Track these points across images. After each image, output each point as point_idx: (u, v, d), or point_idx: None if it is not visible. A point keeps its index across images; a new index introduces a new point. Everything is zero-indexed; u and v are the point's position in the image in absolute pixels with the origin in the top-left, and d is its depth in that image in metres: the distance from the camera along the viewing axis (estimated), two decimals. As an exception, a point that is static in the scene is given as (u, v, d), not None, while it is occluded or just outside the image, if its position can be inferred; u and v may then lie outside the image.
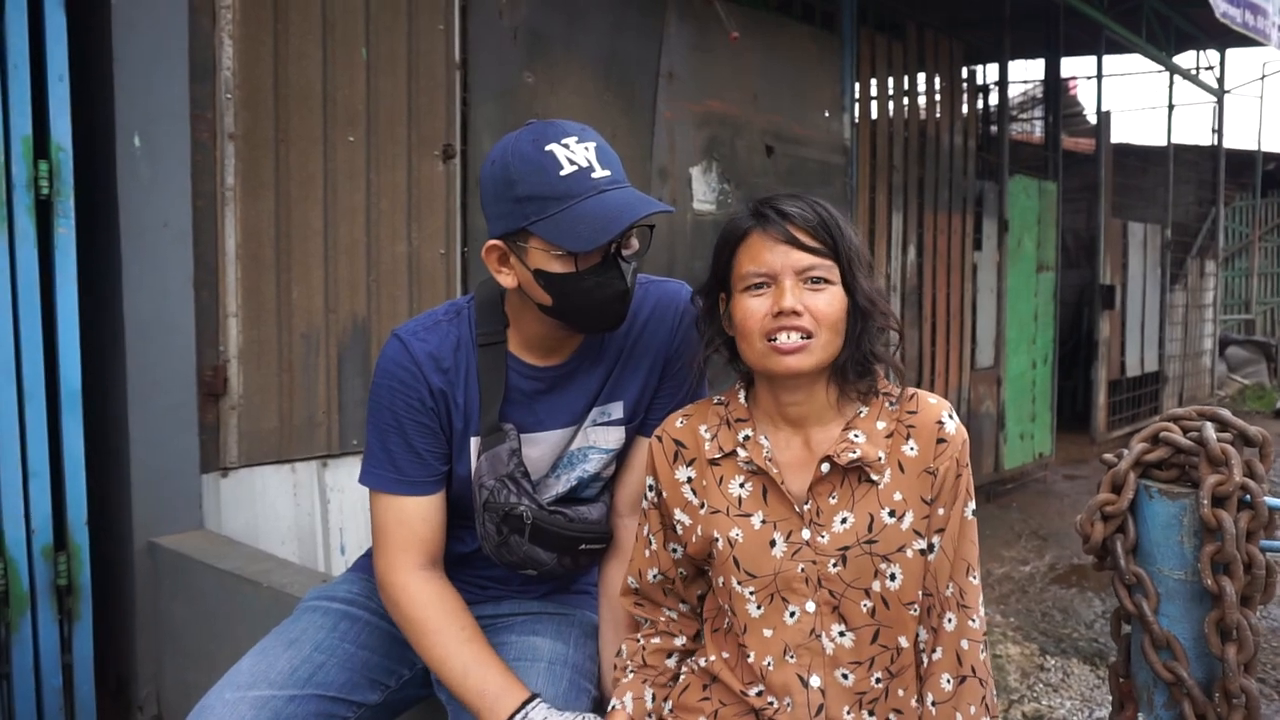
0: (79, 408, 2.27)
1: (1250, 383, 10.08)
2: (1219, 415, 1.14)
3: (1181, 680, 1.10)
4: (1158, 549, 1.14)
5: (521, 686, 1.27)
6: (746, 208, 1.21)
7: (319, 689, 1.34)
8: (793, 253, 1.15)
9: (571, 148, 1.22)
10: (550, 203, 1.21)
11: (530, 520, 1.36)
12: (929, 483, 1.17)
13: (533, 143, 1.23)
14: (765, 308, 1.15)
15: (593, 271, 1.24)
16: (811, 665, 1.17)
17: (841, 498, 1.18)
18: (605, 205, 1.21)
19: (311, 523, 2.84)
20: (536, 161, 1.22)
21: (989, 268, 5.99)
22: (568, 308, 1.28)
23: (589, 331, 1.35)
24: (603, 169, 1.23)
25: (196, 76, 2.50)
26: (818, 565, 1.16)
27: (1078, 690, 3.50)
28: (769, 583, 1.18)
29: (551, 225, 1.21)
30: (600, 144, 1.26)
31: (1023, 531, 5.51)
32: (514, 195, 1.23)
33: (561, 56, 3.45)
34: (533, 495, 1.38)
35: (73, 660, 2.32)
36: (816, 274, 1.15)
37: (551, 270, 1.25)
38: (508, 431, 1.36)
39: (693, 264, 3.87)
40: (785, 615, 1.18)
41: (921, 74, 5.41)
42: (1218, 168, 9.00)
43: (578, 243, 1.20)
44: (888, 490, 1.17)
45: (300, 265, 2.75)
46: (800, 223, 1.16)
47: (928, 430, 1.19)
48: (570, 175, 1.21)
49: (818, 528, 1.17)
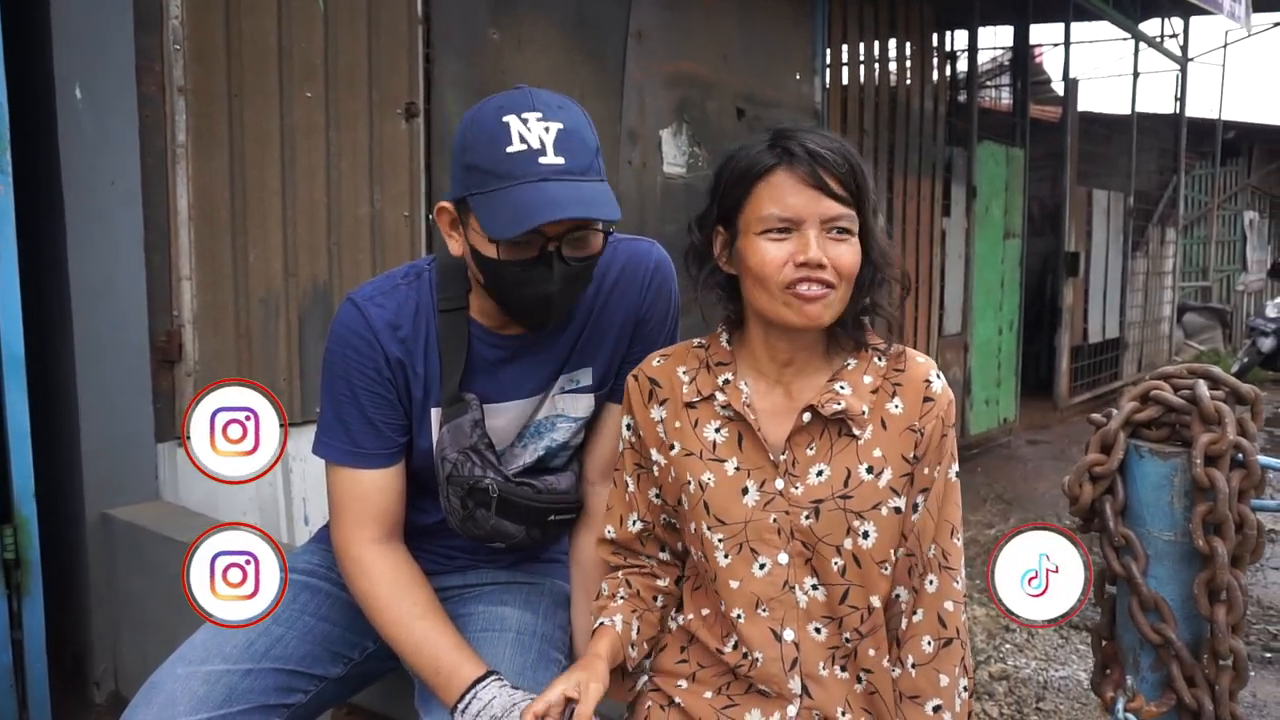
0: (22, 374, 2.17)
1: (1206, 349, 10.29)
2: (1211, 373, 1.11)
3: (1170, 642, 1.08)
4: (1147, 510, 1.12)
5: (475, 664, 1.22)
6: (764, 139, 1.11)
7: (277, 662, 1.29)
8: (822, 200, 1.07)
9: (530, 124, 1.13)
10: (490, 177, 1.13)
11: (496, 493, 1.31)
12: (912, 441, 1.14)
13: (497, 109, 1.15)
14: (786, 254, 1.07)
15: (520, 265, 1.17)
16: (785, 619, 1.14)
17: (819, 450, 1.14)
18: (540, 195, 1.11)
19: (274, 492, 2.77)
20: (490, 131, 1.14)
21: (957, 234, 6.00)
22: (495, 291, 1.22)
23: (517, 323, 1.28)
24: (556, 155, 1.12)
25: (143, 26, 2.37)
26: (790, 516, 1.13)
27: (1041, 650, 3.55)
28: (739, 531, 1.14)
29: (484, 203, 1.14)
30: (569, 127, 1.15)
31: (988, 496, 5.58)
32: (464, 161, 1.16)
33: (529, 13, 3.34)
34: (498, 467, 1.32)
35: (23, 636, 2.24)
36: (842, 224, 1.08)
37: (482, 251, 1.18)
38: (470, 402, 1.30)
39: (663, 227, 3.81)
40: (754, 567, 1.14)
41: (893, 39, 5.36)
42: (1179, 136, 9.08)
43: (498, 229, 1.13)
44: (867, 446, 1.14)
45: (257, 227, 2.65)
46: (832, 167, 1.07)
47: (914, 388, 1.15)
48: (516, 154, 1.12)
49: (792, 478, 1.13)
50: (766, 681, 1.15)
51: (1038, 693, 3.07)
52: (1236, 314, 11.58)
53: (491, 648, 1.29)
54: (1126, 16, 7.57)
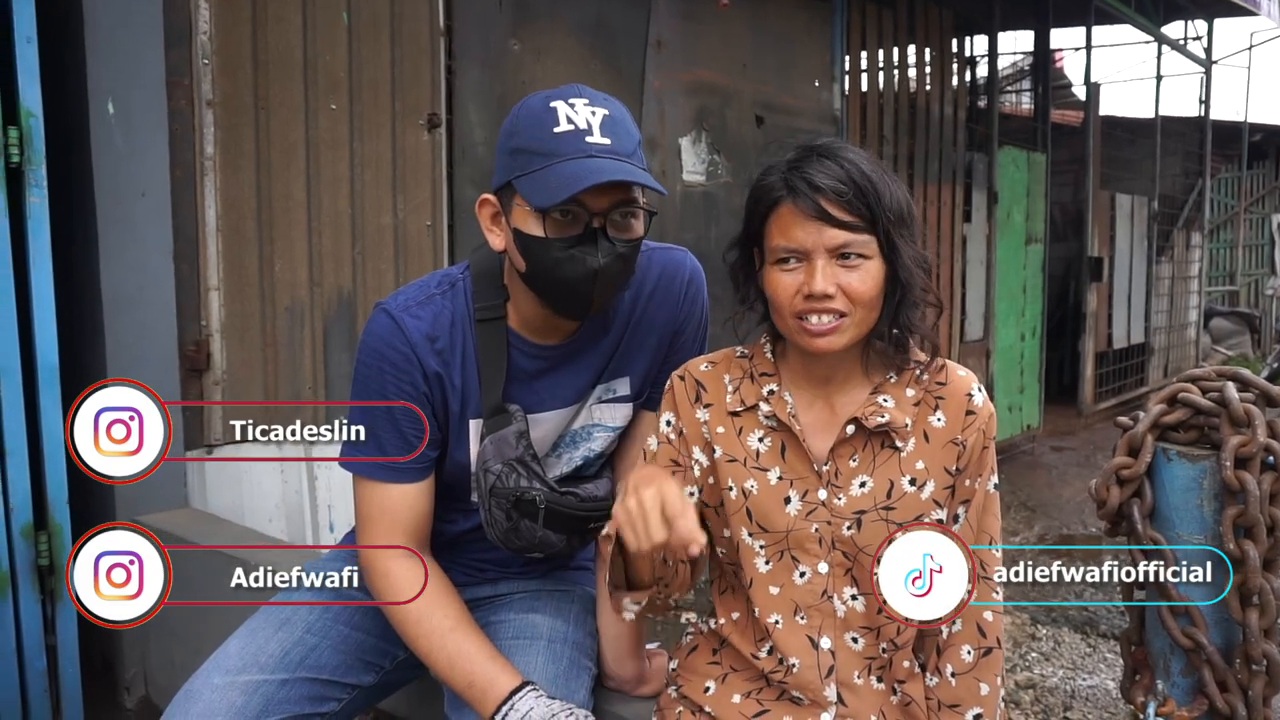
0: (57, 384, 2.21)
1: (1234, 354, 10.15)
2: (1240, 375, 1.11)
3: (1201, 646, 1.07)
4: (1176, 513, 1.11)
5: (510, 674, 1.22)
6: (779, 168, 1.12)
7: (311, 671, 1.30)
8: (826, 230, 1.08)
9: (577, 108, 1.16)
10: (537, 157, 1.15)
11: (544, 505, 1.29)
12: (954, 453, 1.15)
13: (545, 98, 1.17)
14: (796, 284, 1.09)
15: (565, 241, 1.16)
16: (822, 627, 1.15)
17: (862, 461, 1.15)
18: (584, 168, 1.13)
19: (300, 500, 2.79)
20: (538, 115, 1.16)
21: (978, 240, 5.96)
22: (537, 276, 1.20)
23: (560, 312, 1.25)
24: (602, 136, 1.15)
25: (172, 41, 2.41)
26: (832, 527, 1.14)
27: (1068, 658, 3.51)
28: (780, 539, 1.16)
29: (531, 180, 1.15)
30: (614, 115, 1.18)
31: (1011, 503, 5.53)
32: (510, 146, 1.18)
33: (548, 24, 3.36)
34: (544, 478, 1.31)
35: (57, 642, 2.27)
36: (852, 250, 1.09)
37: (527, 231, 1.18)
38: (514, 413, 1.29)
39: (682, 235, 3.82)
40: (795, 574, 1.16)
41: (912, 44, 5.34)
42: (1204, 139, 8.99)
43: (542, 198, 1.13)
44: (910, 458, 1.15)
45: (283, 237, 2.68)
46: (834, 195, 1.07)
47: (956, 401, 1.16)
48: (563, 133, 1.15)
49: (835, 489, 1.15)
50: (802, 689, 1.15)
51: (1065, 701, 3.04)
52: (1265, 319, 11.41)
53: (524, 656, 1.29)
54: (1149, 19, 7.50)
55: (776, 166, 1.13)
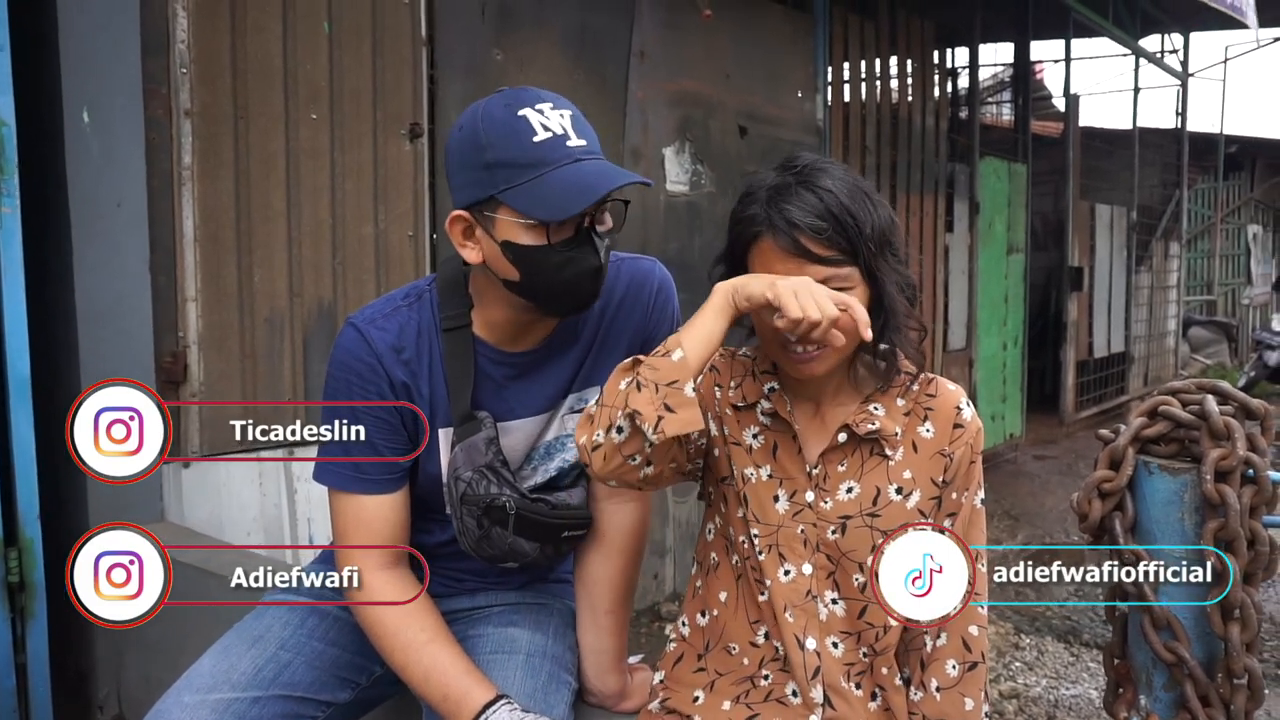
0: (28, 396, 2.17)
1: (1212, 363, 10.26)
2: (1219, 388, 1.11)
3: (1183, 660, 1.07)
4: (1157, 526, 1.11)
5: (484, 687, 1.21)
6: (760, 197, 1.12)
7: (285, 689, 1.28)
8: (806, 266, 1.08)
9: (546, 114, 1.16)
10: (522, 170, 1.14)
11: (514, 511, 1.29)
12: (942, 465, 1.16)
13: (505, 107, 1.16)
14: None
15: (565, 245, 1.18)
16: (807, 627, 1.16)
17: (851, 467, 1.17)
18: (581, 174, 1.14)
19: (278, 513, 2.76)
20: (509, 126, 1.15)
21: (960, 250, 6.00)
22: (536, 284, 1.20)
23: (557, 313, 1.27)
24: (578, 138, 1.17)
25: (149, 49, 2.38)
26: (818, 529, 1.16)
27: (1052, 668, 3.52)
28: (772, 533, 1.18)
29: (523, 193, 1.14)
30: (576, 113, 1.20)
31: (995, 512, 5.55)
32: (483, 161, 1.16)
33: (531, 34, 3.36)
34: (514, 484, 1.31)
35: (27, 660, 2.23)
36: (832, 283, 1.08)
37: (521, 242, 1.17)
38: (483, 420, 1.29)
39: (666, 246, 3.82)
40: (780, 571, 1.17)
41: (894, 56, 5.38)
42: (1181, 151, 9.09)
43: (551, 211, 1.14)
44: (898, 467, 1.16)
45: (262, 248, 2.65)
46: (812, 233, 1.08)
47: (945, 414, 1.17)
48: (544, 141, 1.15)
49: (822, 492, 1.16)
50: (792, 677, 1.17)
51: (1049, 711, 3.04)
52: (1242, 328, 11.55)
53: (502, 670, 1.28)
54: (1126, 33, 7.60)
55: (757, 195, 1.13)
